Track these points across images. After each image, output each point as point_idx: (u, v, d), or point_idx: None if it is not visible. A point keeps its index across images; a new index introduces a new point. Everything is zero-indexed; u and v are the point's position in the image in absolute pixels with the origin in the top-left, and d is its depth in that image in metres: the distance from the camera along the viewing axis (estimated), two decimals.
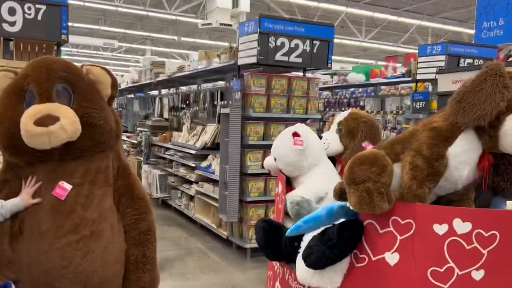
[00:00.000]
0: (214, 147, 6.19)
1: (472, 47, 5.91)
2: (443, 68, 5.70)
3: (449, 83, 3.02)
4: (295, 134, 2.55)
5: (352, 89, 8.35)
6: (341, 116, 2.90)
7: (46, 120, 1.66)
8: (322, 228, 2.03)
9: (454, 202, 1.91)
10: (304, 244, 2.05)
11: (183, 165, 6.76)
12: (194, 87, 7.51)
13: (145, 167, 8.21)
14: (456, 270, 1.75)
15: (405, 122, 6.16)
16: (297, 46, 4.53)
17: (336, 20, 16.13)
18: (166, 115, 8.54)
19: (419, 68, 6.02)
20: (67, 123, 1.68)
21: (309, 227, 2.05)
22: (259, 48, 4.33)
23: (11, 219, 1.78)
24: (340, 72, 8.18)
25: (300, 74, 5.28)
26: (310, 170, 2.58)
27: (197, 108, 6.99)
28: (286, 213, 2.47)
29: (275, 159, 2.65)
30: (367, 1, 16.85)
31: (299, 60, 4.57)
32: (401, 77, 7.05)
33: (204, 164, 5.96)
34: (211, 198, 5.57)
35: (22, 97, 1.78)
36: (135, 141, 9.64)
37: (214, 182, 5.60)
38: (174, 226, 6.31)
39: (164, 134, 7.91)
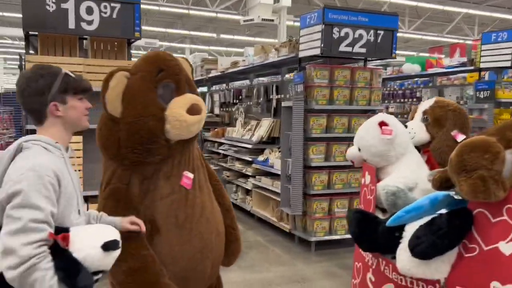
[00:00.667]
0: (270, 141, 6.20)
1: None
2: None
3: None
4: (382, 124, 2.50)
5: (399, 81, 8.13)
6: (426, 104, 2.83)
7: (196, 108, 1.81)
8: (425, 218, 1.98)
9: None
10: (406, 234, 2.01)
11: (238, 159, 6.80)
12: (246, 82, 7.53)
13: None
14: None
15: (469, 112, 5.95)
16: (361, 36, 4.46)
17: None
18: (217, 111, 8.61)
19: (483, 56, 5.80)
20: (204, 109, 1.88)
21: (411, 217, 2.00)
22: (323, 39, 4.28)
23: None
24: (393, 63, 7.98)
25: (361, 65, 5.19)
26: (398, 160, 2.53)
27: (250, 103, 7.01)
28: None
29: (359, 150, 2.62)
30: None
31: (363, 50, 4.50)
32: (460, 67, 6.82)
33: (261, 158, 5.97)
34: (270, 191, 5.58)
35: (154, 92, 1.82)
36: None
37: (272, 175, 5.61)
38: None
39: (216, 130, 7.99)
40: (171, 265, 1.79)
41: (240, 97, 7.57)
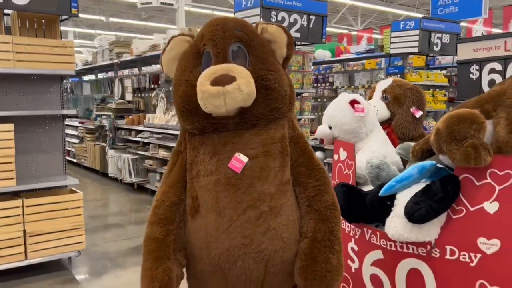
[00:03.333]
0: None
1: (440, 22, 6.29)
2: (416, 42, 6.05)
3: (469, 51, 3.25)
4: (354, 102, 2.63)
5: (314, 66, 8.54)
6: (383, 84, 3.04)
7: (223, 80, 1.53)
8: (413, 187, 2.15)
9: None
10: (399, 202, 2.15)
11: (162, 146, 6.60)
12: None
13: (111, 152, 7.89)
14: None
15: None
16: (295, 20, 4.59)
17: None
18: (129, 97, 8.22)
19: (392, 43, 6.31)
20: (243, 83, 1.54)
21: (402, 186, 2.15)
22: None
23: (179, 198, 1.66)
24: (303, 50, 8.32)
25: None
26: (367, 136, 2.69)
27: (172, 88, 6.80)
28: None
29: (329, 128, 2.73)
30: None
31: (298, 35, 4.64)
32: (368, 53, 7.36)
33: None
34: None
35: (199, 59, 1.65)
36: (92, 126, 9.20)
37: None
38: None
39: (131, 117, 7.65)
40: (205, 250, 1.61)
41: (159, 82, 7.32)
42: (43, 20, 3.57)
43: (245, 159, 1.58)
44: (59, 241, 3.82)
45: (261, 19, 4.36)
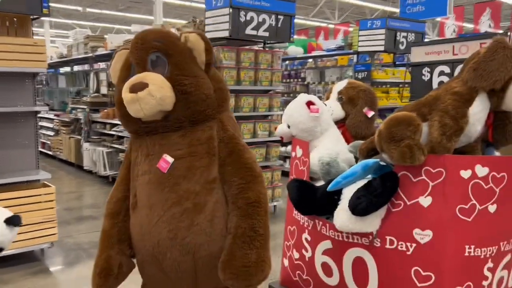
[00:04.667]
0: None
1: (404, 22, 6.54)
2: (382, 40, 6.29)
3: (422, 55, 3.46)
4: (310, 103, 2.82)
5: (286, 62, 8.74)
6: (339, 86, 3.24)
7: (136, 87, 1.68)
8: (358, 183, 2.35)
9: (467, 153, 2.34)
10: (344, 196, 2.36)
11: None
12: None
13: (86, 145, 7.95)
14: (477, 206, 2.19)
15: None
16: (264, 20, 4.75)
17: None
18: (104, 90, 8.27)
19: (360, 41, 6.54)
20: (154, 88, 1.68)
21: (347, 182, 2.36)
22: (231, 22, 4.48)
23: (123, 194, 1.81)
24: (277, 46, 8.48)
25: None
26: (322, 135, 2.88)
27: None
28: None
29: (288, 127, 2.92)
30: None
31: (266, 34, 4.80)
32: (338, 50, 7.57)
33: None
34: None
35: (129, 70, 1.80)
36: (67, 119, 9.21)
37: None
38: None
39: (106, 111, 7.71)
40: (141, 242, 1.78)
41: None
42: (15, 19, 3.65)
43: (171, 160, 1.73)
44: (31, 233, 3.94)
45: (230, 19, 4.51)
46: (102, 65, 8.50)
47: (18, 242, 3.88)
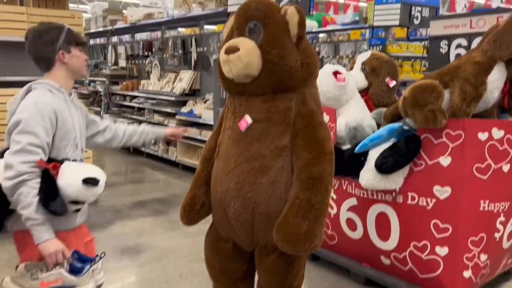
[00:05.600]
0: (191, 93, 6.47)
1: None
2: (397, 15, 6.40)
3: (440, 28, 3.63)
4: (337, 73, 3.02)
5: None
6: (363, 56, 3.42)
7: (230, 50, 1.82)
8: (383, 145, 2.58)
9: (485, 118, 2.55)
10: (370, 157, 2.58)
11: (156, 111, 6.94)
12: (157, 34, 7.51)
13: (106, 116, 8.19)
14: (493, 165, 2.41)
15: None
16: None
17: None
18: (122, 63, 8.46)
19: (376, 15, 6.63)
20: (244, 53, 1.81)
21: (374, 144, 2.58)
22: None
23: (215, 144, 2.04)
24: None
25: None
26: (347, 103, 3.08)
27: (166, 56, 7.09)
28: None
29: None
30: None
31: None
32: (353, 24, 7.66)
33: (184, 109, 6.22)
34: (197, 140, 5.91)
35: (232, 33, 1.96)
36: (86, 92, 9.44)
37: (199, 125, 5.93)
38: (156, 170, 6.60)
39: (125, 83, 7.92)
40: (214, 187, 1.99)
41: (153, 49, 7.57)
42: None
43: (250, 121, 1.89)
44: None
45: None
46: (122, 38, 8.63)
47: None
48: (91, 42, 9.89)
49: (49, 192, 1.81)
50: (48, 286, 1.84)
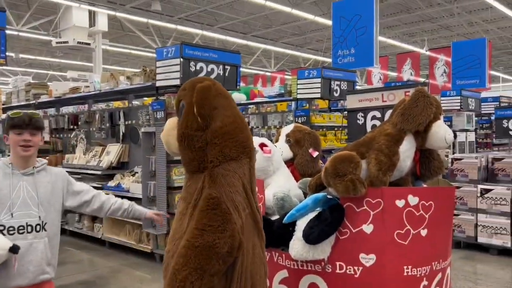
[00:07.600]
0: (118, 166, 6.31)
1: (338, 72, 7.17)
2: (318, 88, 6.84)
3: (356, 101, 3.92)
4: (263, 145, 3.11)
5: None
6: (287, 129, 3.57)
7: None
8: (309, 215, 2.64)
9: (400, 185, 2.71)
10: (298, 227, 2.62)
11: None
12: (82, 107, 7.37)
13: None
14: (412, 231, 2.54)
15: None
16: (212, 70, 5.08)
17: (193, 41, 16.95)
18: (46, 137, 8.12)
19: (299, 89, 7.05)
20: (163, 133, 1.95)
21: (300, 214, 2.64)
22: (182, 71, 4.76)
23: None
24: None
25: None
26: (274, 173, 3.17)
27: (93, 129, 6.93)
28: None
29: None
30: (220, 26, 18.19)
31: None
32: (279, 97, 8.07)
33: (111, 183, 6.02)
34: None
35: None
36: None
37: (128, 200, 5.73)
38: (80, 249, 6.19)
39: (48, 157, 7.57)
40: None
41: (79, 122, 7.39)
42: None
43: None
44: None
45: (181, 69, 4.80)
46: (46, 111, 8.33)
47: None
48: None
49: None
50: None
